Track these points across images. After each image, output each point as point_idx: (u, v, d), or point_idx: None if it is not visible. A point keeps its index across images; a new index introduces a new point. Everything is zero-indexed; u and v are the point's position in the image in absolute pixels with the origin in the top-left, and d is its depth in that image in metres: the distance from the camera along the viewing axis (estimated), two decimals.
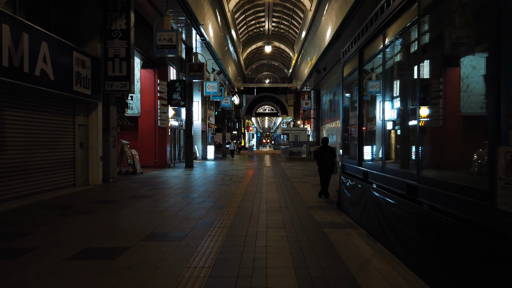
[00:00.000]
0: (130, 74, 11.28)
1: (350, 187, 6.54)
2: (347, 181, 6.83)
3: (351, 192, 6.42)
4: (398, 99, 5.60)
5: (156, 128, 18.45)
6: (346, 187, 6.82)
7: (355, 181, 6.25)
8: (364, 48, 6.10)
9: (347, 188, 6.70)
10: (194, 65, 18.00)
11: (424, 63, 4.62)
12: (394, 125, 5.69)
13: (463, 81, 4.18)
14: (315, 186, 11.28)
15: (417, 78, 4.03)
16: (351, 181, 6.55)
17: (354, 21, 15.94)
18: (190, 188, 10.93)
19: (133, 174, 15.11)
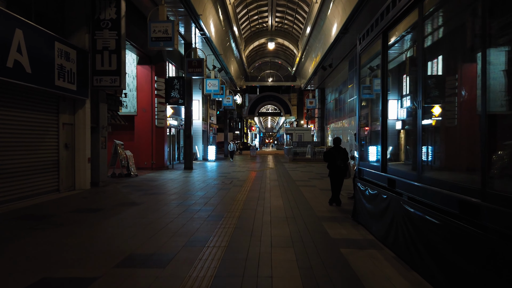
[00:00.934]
0: (120, 68, 10.30)
1: (370, 196, 5.51)
2: (365, 189, 5.80)
3: (372, 202, 5.39)
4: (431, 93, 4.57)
5: (153, 128, 17.47)
6: (365, 196, 5.79)
7: (377, 190, 5.22)
8: (390, 29, 5.06)
9: (367, 198, 5.67)
10: (193, 61, 17.01)
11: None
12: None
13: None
14: (323, 191, 10.25)
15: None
16: (371, 190, 5.52)
17: (364, 13, 14.90)
18: (186, 193, 9.93)
19: (127, 176, 14.13)
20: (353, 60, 21.17)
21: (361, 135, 6.76)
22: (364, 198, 5.86)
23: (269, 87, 45.65)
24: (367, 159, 6.34)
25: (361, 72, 6.52)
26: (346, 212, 7.24)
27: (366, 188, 5.76)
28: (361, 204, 6.05)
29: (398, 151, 5.76)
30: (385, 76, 5.18)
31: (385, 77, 5.18)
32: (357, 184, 6.32)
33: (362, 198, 5.94)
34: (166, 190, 10.57)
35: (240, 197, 9.12)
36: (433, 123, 4.31)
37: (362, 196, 5.95)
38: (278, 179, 13.52)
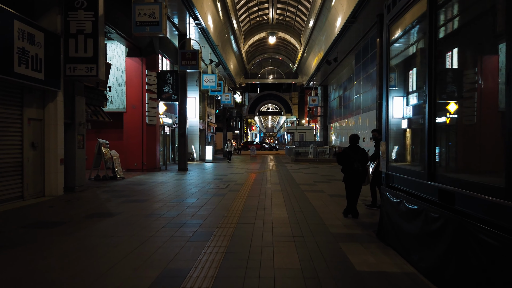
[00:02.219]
0: (98, 55, 8.87)
1: (408, 212, 4.07)
2: (399, 201, 4.36)
3: (412, 221, 3.96)
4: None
5: (144, 126, 16.04)
6: (398, 212, 4.35)
7: (421, 205, 3.79)
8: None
9: (402, 214, 4.24)
10: (187, 53, 15.59)
11: None
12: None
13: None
14: (334, 197, 8.81)
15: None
16: (408, 203, 4.09)
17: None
18: (173, 200, 8.50)
19: (113, 179, 12.71)
20: (360, 53, 19.74)
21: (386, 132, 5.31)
22: (397, 213, 4.42)
23: (269, 85, 44.23)
24: (398, 160, 4.89)
25: (390, 50, 5.07)
26: (367, 227, 5.81)
27: (401, 201, 4.32)
28: (391, 220, 4.62)
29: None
30: (433, 50, 3.73)
31: (433, 51, 3.73)
32: (385, 193, 4.88)
33: (395, 214, 4.50)
34: (152, 196, 9.14)
35: (236, 206, 7.69)
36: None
37: (394, 210, 4.51)
38: (280, 182, 12.09)
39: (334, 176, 14.20)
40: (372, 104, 17.11)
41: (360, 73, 19.58)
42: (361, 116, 19.21)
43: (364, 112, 18.65)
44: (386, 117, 4.97)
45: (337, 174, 15.04)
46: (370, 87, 17.55)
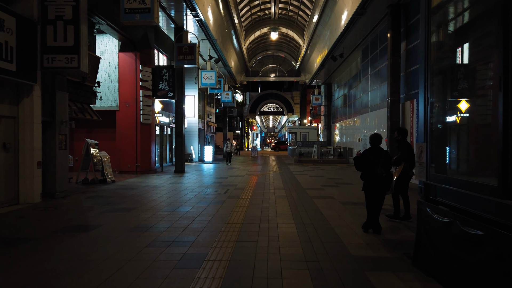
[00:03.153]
0: (79, 44, 7.84)
1: (467, 238, 3.02)
2: (450, 221, 3.31)
3: (475, 251, 2.90)
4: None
5: (138, 125, 15.00)
6: (450, 235, 3.30)
7: (490, 230, 2.74)
8: None
9: (457, 239, 3.18)
10: (184, 47, 14.56)
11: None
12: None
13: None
14: (347, 205, 7.76)
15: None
16: (466, 226, 3.03)
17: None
18: (165, 208, 7.46)
19: (102, 183, 11.68)
20: (367, 49, 18.68)
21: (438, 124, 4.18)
22: (445, 236, 3.37)
23: (271, 83, 43.12)
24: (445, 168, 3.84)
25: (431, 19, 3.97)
26: (394, 246, 4.76)
27: (452, 221, 3.27)
28: (435, 244, 3.57)
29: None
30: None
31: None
32: (425, 209, 3.83)
33: (441, 236, 3.45)
34: (141, 203, 8.10)
35: (236, 216, 6.64)
36: None
37: (441, 232, 3.46)
38: (284, 186, 11.05)
39: (342, 179, 13.15)
40: (382, 102, 16.06)
41: (368, 69, 18.54)
42: (369, 115, 18.17)
43: (372, 111, 17.61)
44: (425, 110, 3.92)
45: (345, 177, 13.99)
46: (379, 84, 16.51)
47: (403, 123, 13.46)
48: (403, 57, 13.58)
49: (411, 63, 13.01)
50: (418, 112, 12.45)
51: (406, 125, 13.21)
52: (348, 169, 18.08)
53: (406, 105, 13.29)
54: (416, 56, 12.54)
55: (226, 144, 22.13)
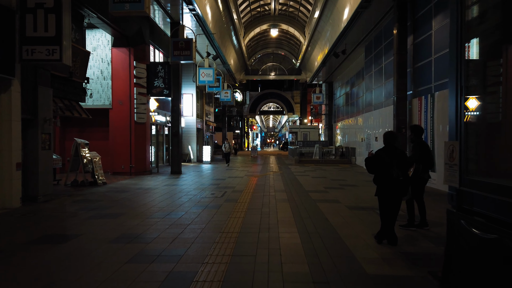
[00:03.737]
0: (61, 34, 7.17)
1: None
2: (498, 239, 2.64)
3: None
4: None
5: (132, 124, 14.34)
6: (499, 256, 2.63)
7: None
8: None
9: (506, 265, 2.51)
10: (180, 42, 13.89)
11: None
12: None
13: None
14: (353, 210, 7.10)
15: None
16: None
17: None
18: (155, 214, 6.80)
19: (92, 185, 11.02)
20: (371, 45, 18.01)
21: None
22: (490, 258, 2.70)
23: (271, 82, 42.43)
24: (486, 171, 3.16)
25: None
26: (415, 261, 4.10)
27: (498, 239, 2.60)
28: (474, 265, 2.91)
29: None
30: None
31: None
32: (458, 221, 3.16)
33: (485, 256, 2.78)
34: (130, 208, 7.44)
35: (233, 224, 5.98)
36: None
37: (483, 251, 2.79)
38: (285, 189, 10.38)
39: (346, 181, 12.49)
40: (387, 100, 15.40)
41: (371, 66, 17.87)
42: (373, 114, 17.49)
43: (377, 109, 16.94)
44: (458, 101, 3.25)
45: (349, 178, 13.33)
46: (384, 81, 15.84)
47: (410, 121, 12.80)
48: (410, 52, 12.91)
49: (418, 58, 12.35)
50: (426, 109, 11.82)
51: (413, 123, 12.53)
52: (351, 170, 17.42)
53: (413, 103, 12.63)
54: (424, 51, 11.88)
55: (224, 144, 21.19)
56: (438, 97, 10.77)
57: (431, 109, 11.21)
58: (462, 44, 3.21)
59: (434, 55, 11.17)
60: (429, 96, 11.32)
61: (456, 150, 3.23)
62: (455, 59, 3.29)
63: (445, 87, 10.38)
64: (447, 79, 10.30)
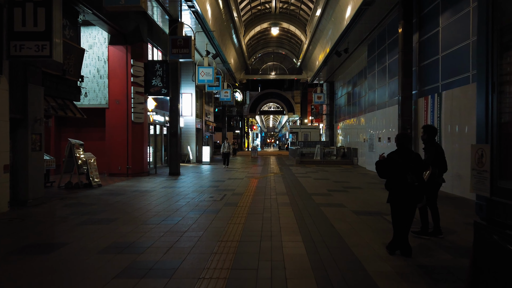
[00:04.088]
0: (51, 29, 6.79)
1: None
2: None
3: None
4: None
5: (129, 124, 13.95)
6: None
7: None
8: None
9: None
10: (178, 39, 13.50)
11: None
12: None
13: None
14: (360, 216, 6.71)
15: None
16: None
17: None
18: (150, 219, 6.41)
19: (87, 187, 10.63)
20: (374, 43, 17.62)
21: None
22: None
23: (271, 82, 42.04)
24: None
25: None
26: (433, 275, 3.71)
27: None
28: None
29: None
30: None
31: None
32: (490, 236, 2.77)
33: None
34: (125, 212, 7.06)
35: (233, 231, 5.59)
36: None
37: None
38: (287, 191, 10.00)
39: (349, 183, 12.10)
40: (391, 99, 15.01)
41: (374, 65, 17.49)
42: (376, 114, 17.10)
43: (380, 109, 16.55)
44: (489, 98, 2.86)
45: (352, 180, 12.94)
46: (388, 81, 15.45)
47: (415, 122, 12.41)
48: (415, 50, 12.52)
49: (424, 56, 11.96)
50: (433, 109, 11.44)
51: (419, 124, 12.16)
52: (353, 171, 17.04)
53: (419, 102, 12.24)
54: (431, 49, 11.49)
55: (224, 144, 20.28)
56: (446, 97, 10.38)
57: (438, 109, 10.82)
58: (494, 32, 2.82)
59: (442, 53, 10.78)
60: (436, 95, 10.93)
61: (487, 154, 2.84)
62: (484, 51, 2.90)
63: (453, 86, 10.00)
64: (455, 78, 9.92)
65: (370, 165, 17.94)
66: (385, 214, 6.81)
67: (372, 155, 17.49)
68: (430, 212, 5.40)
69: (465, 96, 9.39)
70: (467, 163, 8.62)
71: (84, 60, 14.08)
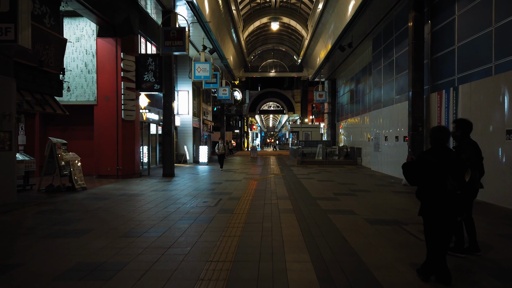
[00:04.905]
0: (17, 10, 5.84)
1: None
2: None
3: None
4: None
5: (119, 122, 13.02)
6: None
7: None
8: None
9: None
10: (171, 31, 12.56)
11: None
12: None
13: None
14: (375, 225, 5.77)
15: None
16: None
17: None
18: (130, 231, 5.47)
19: (70, 190, 9.70)
20: (380, 37, 16.69)
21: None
22: None
23: (271, 81, 41.08)
24: None
25: None
26: None
27: None
28: None
29: None
30: None
31: None
32: None
33: None
34: (103, 222, 6.12)
35: (226, 247, 4.65)
36: None
37: None
38: (289, 195, 9.07)
39: (356, 185, 11.18)
40: (399, 96, 14.07)
41: (380, 60, 16.57)
42: (382, 111, 16.17)
43: (386, 107, 15.62)
44: None
45: (358, 182, 11.99)
46: (395, 76, 14.52)
47: (427, 119, 11.48)
48: (427, 42, 11.60)
49: (437, 48, 11.03)
50: (447, 105, 10.51)
51: (431, 121, 11.24)
52: (358, 172, 16.11)
53: (431, 98, 11.31)
54: (445, 39, 10.56)
55: (218, 144, 17.51)
56: (463, 91, 9.45)
57: (454, 105, 9.89)
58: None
59: (458, 43, 9.85)
60: (452, 90, 10.00)
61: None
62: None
63: (472, 79, 9.07)
64: (474, 70, 8.98)
65: (375, 165, 17.01)
66: (403, 223, 5.88)
67: (378, 155, 16.56)
68: (464, 224, 4.47)
69: (487, 90, 8.46)
70: (491, 166, 7.71)
71: (71, 54, 13.23)
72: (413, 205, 7.73)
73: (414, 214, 6.64)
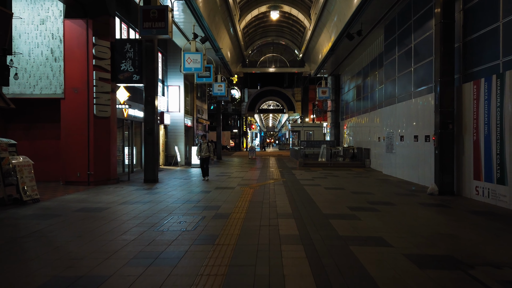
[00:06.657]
0: None
1: None
2: None
3: None
4: None
5: (91, 119, 11.02)
6: None
7: None
8: None
9: None
10: (151, 10, 10.56)
11: None
12: None
13: None
14: (424, 268, 3.75)
15: None
16: None
17: None
18: (46, 283, 3.48)
19: (17, 203, 7.71)
20: (393, 23, 14.69)
21: None
22: None
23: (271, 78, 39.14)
24: None
25: None
26: None
27: None
28: None
29: None
30: None
31: None
32: None
33: None
34: (21, 261, 4.13)
35: None
36: None
37: None
38: (292, 210, 7.06)
39: (373, 194, 9.19)
40: (419, 89, 12.07)
41: (394, 49, 14.59)
42: (396, 108, 14.18)
43: (401, 102, 13.64)
44: None
45: (374, 189, 9.95)
46: (413, 66, 12.55)
47: (459, 114, 9.50)
48: (458, 21, 9.62)
49: (473, 28, 9.05)
50: (488, 97, 8.51)
51: (465, 117, 9.25)
52: (369, 176, 14.13)
53: (464, 89, 9.32)
54: (484, 16, 8.59)
55: (200, 145, 13.12)
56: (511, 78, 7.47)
57: (497, 96, 7.90)
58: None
59: (503, 19, 7.86)
60: (495, 77, 8.01)
61: None
62: None
63: None
64: None
65: (388, 168, 15.02)
66: (465, 264, 3.87)
67: (391, 157, 14.57)
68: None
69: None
70: None
71: (35, 39, 11.25)
72: (457, 226, 5.76)
73: (472, 245, 4.66)
